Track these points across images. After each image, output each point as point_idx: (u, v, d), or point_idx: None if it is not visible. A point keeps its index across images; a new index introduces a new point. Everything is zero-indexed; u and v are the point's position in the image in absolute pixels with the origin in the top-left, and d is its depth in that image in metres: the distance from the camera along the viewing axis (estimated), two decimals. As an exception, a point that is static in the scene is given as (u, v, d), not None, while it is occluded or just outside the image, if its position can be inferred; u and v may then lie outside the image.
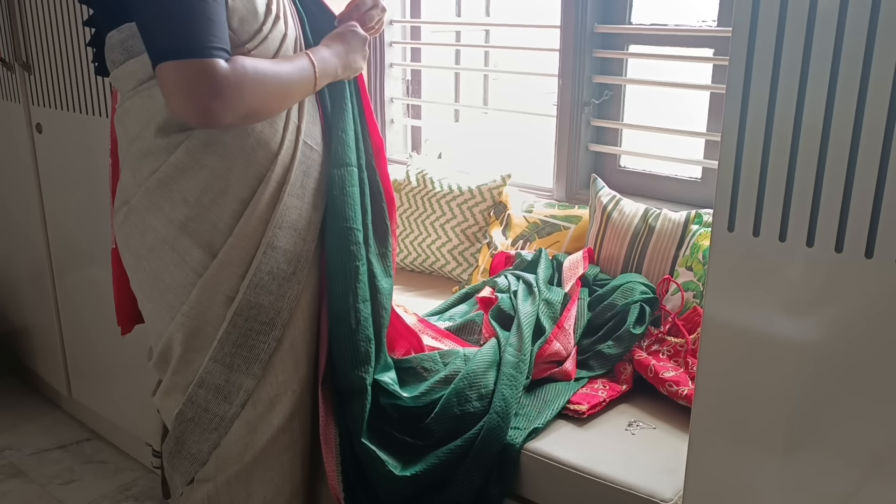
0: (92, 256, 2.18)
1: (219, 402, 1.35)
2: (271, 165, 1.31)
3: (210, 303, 1.31)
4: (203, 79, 1.11)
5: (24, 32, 2.15)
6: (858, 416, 1.02)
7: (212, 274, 1.29)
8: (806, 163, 0.98)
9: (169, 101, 1.14)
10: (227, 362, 1.33)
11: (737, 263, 1.07)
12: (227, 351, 1.33)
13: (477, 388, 1.49)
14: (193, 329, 1.32)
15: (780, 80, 0.98)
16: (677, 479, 1.30)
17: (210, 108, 1.13)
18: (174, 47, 1.11)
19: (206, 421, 1.36)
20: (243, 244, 1.30)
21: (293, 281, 1.36)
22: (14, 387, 2.74)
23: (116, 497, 2.15)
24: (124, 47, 1.24)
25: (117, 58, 1.26)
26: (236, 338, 1.32)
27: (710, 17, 1.95)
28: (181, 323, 1.32)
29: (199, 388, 1.35)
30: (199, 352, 1.34)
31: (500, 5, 2.54)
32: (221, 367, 1.33)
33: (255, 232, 1.31)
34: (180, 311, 1.31)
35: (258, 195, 1.30)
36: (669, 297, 1.75)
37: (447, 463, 1.44)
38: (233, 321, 1.31)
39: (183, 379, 1.37)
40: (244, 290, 1.31)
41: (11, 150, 2.37)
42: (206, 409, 1.36)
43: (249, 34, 1.24)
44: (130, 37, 1.22)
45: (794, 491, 1.09)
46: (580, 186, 2.19)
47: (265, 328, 1.34)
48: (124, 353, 2.17)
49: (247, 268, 1.31)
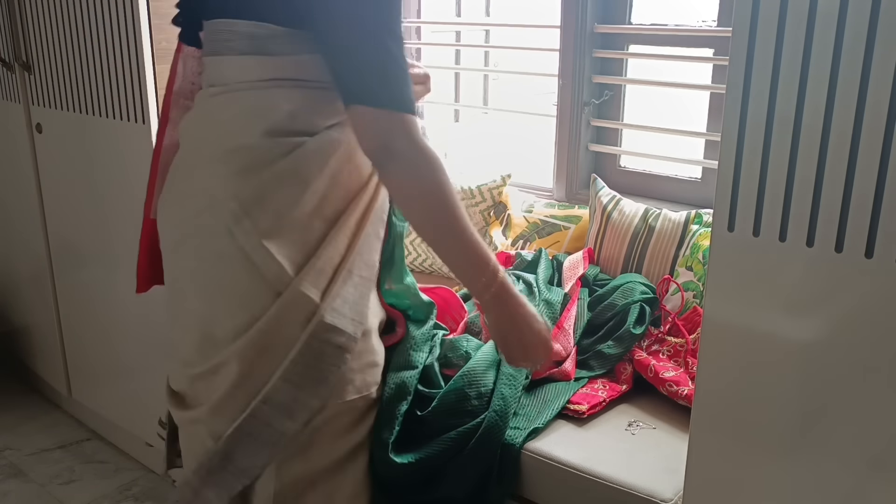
0: (92, 256, 2.18)
1: (282, 419, 1.30)
2: (360, 192, 1.30)
3: (287, 322, 1.26)
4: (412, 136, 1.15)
5: (24, 32, 2.15)
6: (858, 416, 1.02)
7: (293, 293, 1.25)
8: (806, 163, 0.98)
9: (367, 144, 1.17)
10: (296, 382, 1.29)
11: (737, 263, 1.07)
12: (298, 371, 1.28)
13: (476, 387, 1.50)
14: (263, 346, 1.27)
15: (780, 80, 0.98)
16: (677, 479, 1.30)
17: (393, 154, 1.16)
18: (395, 98, 1.14)
19: (267, 435, 1.31)
20: (325, 268, 1.28)
21: (361, 304, 1.33)
22: (14, 387, 2.73)
23: (116, 497, 2.15)
24: (255, 43, 1.21)
25: (237, 46, 1.23)
26: (309, 359, 1.28)
27: (710, 17, 1.95)
28: (252, 338, 1.26)
29: (263, 405, 1.29)
30: (265, 368, 1.29)
31: (500, 5, 2.54)
32: (290, 387, 1.29)
33: (337, 256, 1.29)
34: (254, 328, 1.26)
35: (344, 219, 1.29)
36: (669, 297, 1.75)
37: (442, 454, 1.43)
38: (307, 343, 1.27)
39: (243, 393, 1.30)
40: (322, 314, 1.27)
41: (11, 150, 2.37)
42: (269, 425, 1.30)
43: None
44: (269, 36, 1.20)
45: (794, 491, 1.09)
46: (580, 186, 2.19)
47: (337, 352, 1.31)
48: (124, 353, 2.17)
49: (325, 291, 1.28)
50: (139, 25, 1.80)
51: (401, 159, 1.17)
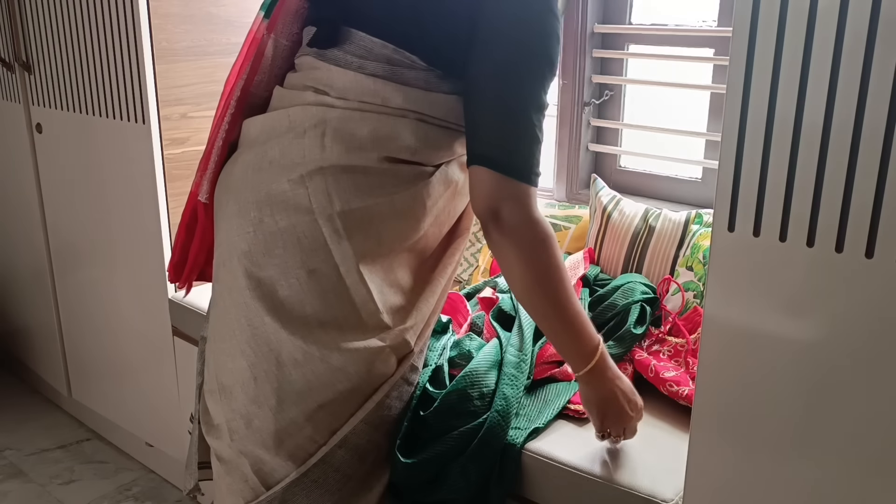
0: (92, 256, 2.18)
1: (354, 462, 1.24)
2: (451, 235, 1.29)
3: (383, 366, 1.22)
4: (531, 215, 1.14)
5: (24, 32, 2.15)
6: (859, 417, 1.02)
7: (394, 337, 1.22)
8: (806, 163, 0.98)
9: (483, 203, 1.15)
10: (375, 423, 1.24)
11: (737, 263, 1.07)
12: (380, 413, 1.24)
13: (478, 387, 1.49)
14: (356, 386, 1.21)
15: (780, 80, 0.98)
16: (677, 479, 1.30)
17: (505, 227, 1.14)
18: (520, 167, 1.13)
19: (334, 481, 1.23)
20: (425, 312, 1.26)
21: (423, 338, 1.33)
22: (14, 387, 2.74)
23: (116, 497, 2.15)
24: (391, 68, 1.17)
25: (370, 67, 1.18)
26: (392, 400, 1.25)
27: (710, 17, 1.95)
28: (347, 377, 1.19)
29: (339, 449, 1.21)
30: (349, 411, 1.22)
31: (500, 5, 2.55)
32: (369, 428, 1.24)
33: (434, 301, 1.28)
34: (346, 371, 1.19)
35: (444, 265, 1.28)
36: (670, 297, 1.75)
37: (444, 455, 1.43)
38: (397, 383, 1.24)
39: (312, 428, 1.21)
40: (414, 357, 1.26)
41: (11, 150, 2.37)
42: (338, 469, 1.23)
43: None
44: (409, 67, 1.17)
45: (794, 491, 1.09)
46: (580, 186, 2.19)
47: (409, 388, 1.30)
48: (124, 353, 2.17)
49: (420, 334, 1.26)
50: (139, 25, 1.80)
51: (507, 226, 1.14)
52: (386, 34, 1.17)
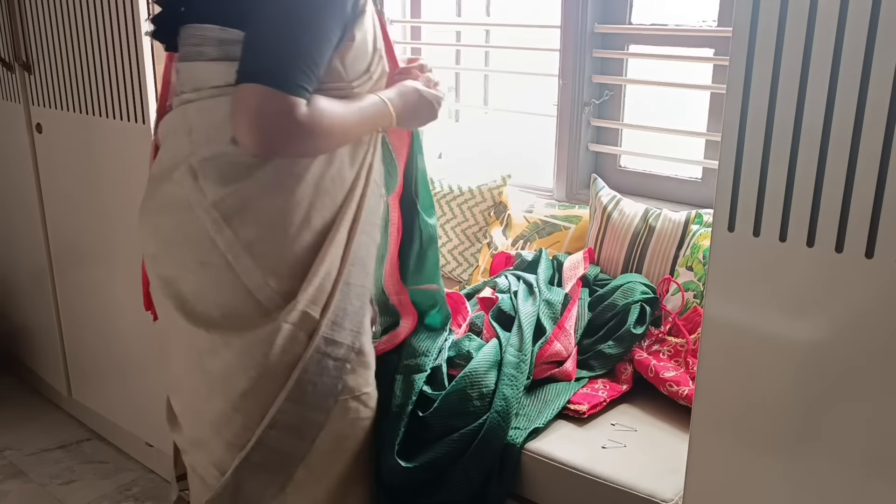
0: (92, 256, 2.18)
1: (292, 440, 1.29)
2: (346, 201, 1.29)
3: (291, 344, 1.25)
4: (282, 117, 1.10)
5: (24, 32, 2.15)
6: (858, 416, 1.02)
7: (297, 314, 1.24)
8: (806, 163, 0.98)
9: (237, 121, 1.12)
10: (301, 400, 1.27)
11: (737, 263, 1.07)
12: (302, 389, 1.27)
13: (478, 387, 1.50)
14: (267, 369, 1.25)
15: (780, 80, 0.98)
16: (677, 479, 1.30)
17: (274, 145, 1.13)
18: (268, 74, 1.10)
19: (276, 462, 1.29)
20: (325, 284, 1.26)
21: (360, 314, 1.33)
22: (14, 387, 2.73)
23: (116, 497, 2.15)
24: (223, 48, 1.20)
25: (208, 52, 1.22)
26: (311, 376, 1.27)
27: (710, 17, 1.95)
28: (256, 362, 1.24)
29: (270, 430, 1.27)
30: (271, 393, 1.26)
31: (500, 5, 2.54)
32: (295, 406, 1.27)
33: (334, 270, 1.28)
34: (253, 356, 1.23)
35: (334, 231, 1.27)
36: (670, 297, 1.75)
37: (446, 457, 1.44)
38: (311, 358, 1.26)
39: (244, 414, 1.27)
40: (322, 329, 1.26)
41: (11, 150, 2.37)
42: (276, 450, 1.28)
43: (358, 73, 1.24)
44: (235, 41, 1.18)
45: (794, 491, 1.09)
46: (580, 186, 2.19)
47: (339, 364, 1.30)
48: (124, 353, 2.17)
49: (325, 306, 1.27)
50: (139, 25, 1.79)
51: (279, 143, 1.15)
52: (209, 17, 1.22)
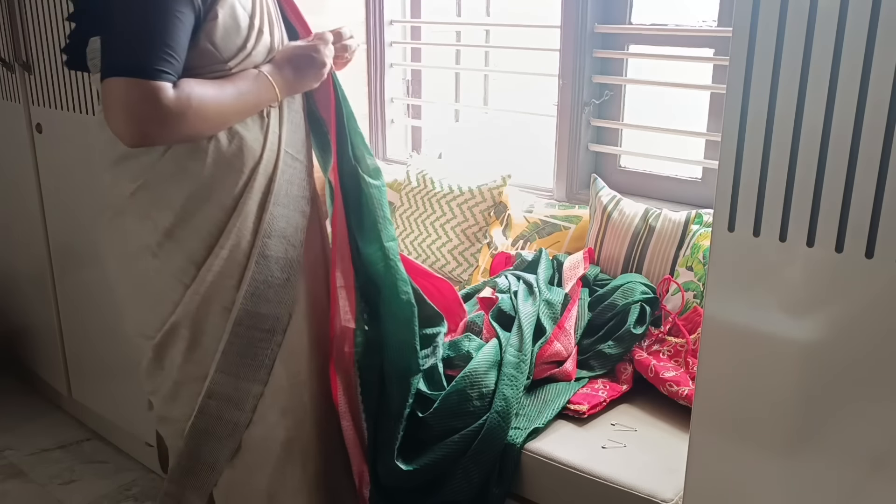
0: (92, 257, 2.18)
1: (231, 410, 1.36)
2: (253, 174, 1.31)
3: (207, 314, 1.31)
4: (146, 102, 1.11)
5: (24, 32, 2.15)
6: (858, 416, 1.02)
7: (206, 286, 1.30)
8: (806, 163, 0.98)
9: (108, 116, 1.13)
10: (233, 372, 1.34)
11: (737, 263, 1.07)
12: (231, 361, 1.33)
13: (478, 387, 1.50)
14: (193, 341, 1.32)
15: (780, 80, 0.98)
16: (677, 479, 1.30)
17: (147, 132, 1.14)
18: (125, 64, 1.11)
19: (221, 428, 1.37)
20: (235, 255, 1.31)
21: (288, 287, 1.37)
22: (14, 387, 2.73)
23: (116, 497, 2.15)
24: None
25: (98, 64, 1.25)
26: (239, 347, 1.33)
27: (710, 17, 1.95)
28: (182, 336, 1.32)
29: (209, 399, 1.35)
30: (200, 363, 1.34)
31: (500, 5, 2.54)
32: (228, 378, 1.34)
33: (244, 242, 1.31)
34: (181, 325, 1.31)
35: (242, 204, 1.30)
36: (670, 297, 1.75)
37: (446, 458, 1.44)
38: (234, 332, 1.32)
39: (186, 388, 1.36)
40: (241, 301, 1.31)
41: (11, 150, 2.37)
42: (220, 418, 1.36)
43: (232, 51, 1.24)
44: None
45: (794, 491, 1.09)
46: (580, 186, 2.19)
47: (267, 335, 1.35)
48: (124, 353, 2.17)
49: (240, 278, 1.32)
50: (139, 25, 1.79)
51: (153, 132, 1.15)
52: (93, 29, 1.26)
